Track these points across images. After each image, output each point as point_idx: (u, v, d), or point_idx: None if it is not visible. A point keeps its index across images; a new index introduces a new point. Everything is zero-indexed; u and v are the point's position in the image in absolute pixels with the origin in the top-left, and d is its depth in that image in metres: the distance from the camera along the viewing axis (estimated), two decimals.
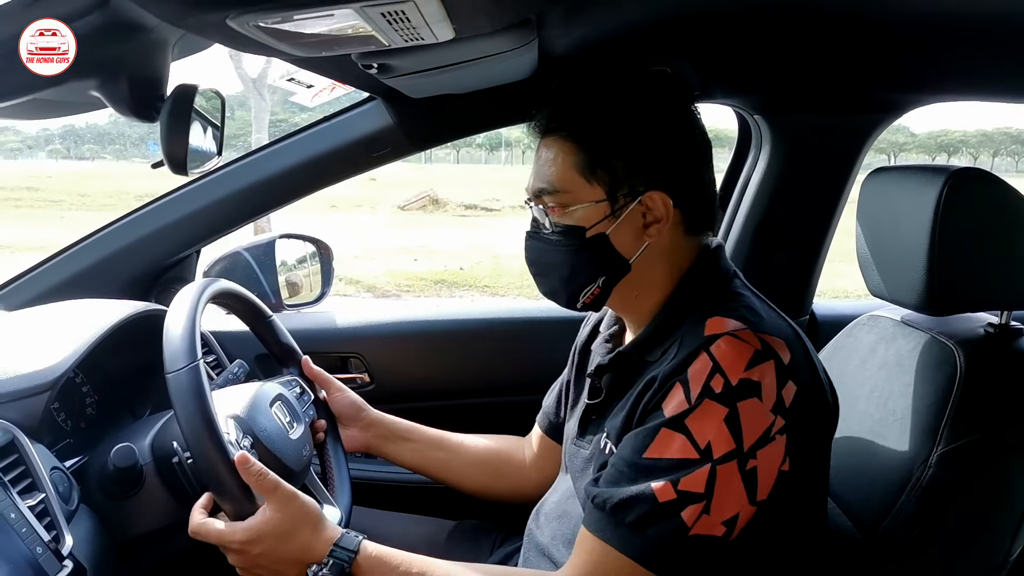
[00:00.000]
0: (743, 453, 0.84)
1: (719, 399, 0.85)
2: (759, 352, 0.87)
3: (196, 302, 1.04)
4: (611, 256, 0.98)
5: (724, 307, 0.95)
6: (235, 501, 0.94)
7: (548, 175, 0.99)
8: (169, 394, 0.95)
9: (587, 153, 0.97)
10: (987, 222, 1.05)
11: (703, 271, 1.02)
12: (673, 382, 0.88)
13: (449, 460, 1.34)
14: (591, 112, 0.98)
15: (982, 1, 1.13)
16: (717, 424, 0.84)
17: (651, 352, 0.98)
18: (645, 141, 0.97)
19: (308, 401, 1.26)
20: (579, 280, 1.00)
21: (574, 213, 0.98)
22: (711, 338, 0.89)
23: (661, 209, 0.97)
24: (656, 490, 0.84)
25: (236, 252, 1.76)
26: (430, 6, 0.67)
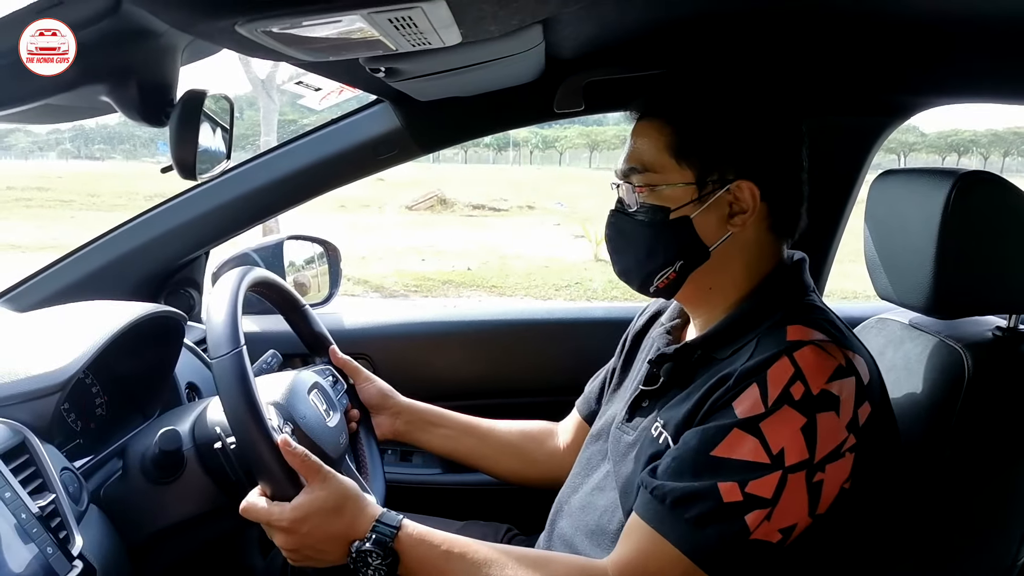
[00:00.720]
0: (813, 464, 0.83)
1: (798, 407, 0.84)
2: (842, 367, 0.87)
3: (236, 289, 1.05)
4: (692, 240, 0.98)
5: (806, 317, 0.94)
6: (279, 484, 0.95)
7: (639, 155, 1.00)
8: (214, 379, 0.95)
9: (680, 136, 0.97)
10: (995, 225, 1.04)
11: (784, 279, 1.02)
12: (750, 382, 0.87)
13: (480, 446, 1.34)
14: (690, 97, 1.00)
15: (990, 2, 1.13)
16: (793, 432, 0.83)
17: (720, 349, 0.97)
18: (739, 130, 0.98)
19: (342, 390, 1.27)
20: (656, 261, 1.00)
21: (660, 193, 0.98)
22: (795, 343, 0.88)
23: (748, 200, 0.97)
24: (723, 489, 0.83)
25: (245, 253, 1.77)
26: (437, 12, 0.67)
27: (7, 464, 0.90)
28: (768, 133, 0.99)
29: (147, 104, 0.78)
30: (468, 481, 1.65)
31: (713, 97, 1.00)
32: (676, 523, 0.86)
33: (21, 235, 12.03)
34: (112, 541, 1.00)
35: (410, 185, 17.68)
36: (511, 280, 9.36)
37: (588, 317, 1.84)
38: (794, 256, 1.05)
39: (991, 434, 1.02)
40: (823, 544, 0.89)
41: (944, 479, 1.02)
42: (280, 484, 0.95)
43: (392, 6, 0.63)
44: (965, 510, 1.01)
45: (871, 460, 0.88)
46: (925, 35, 1.29)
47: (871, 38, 1.32)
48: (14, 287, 1.54)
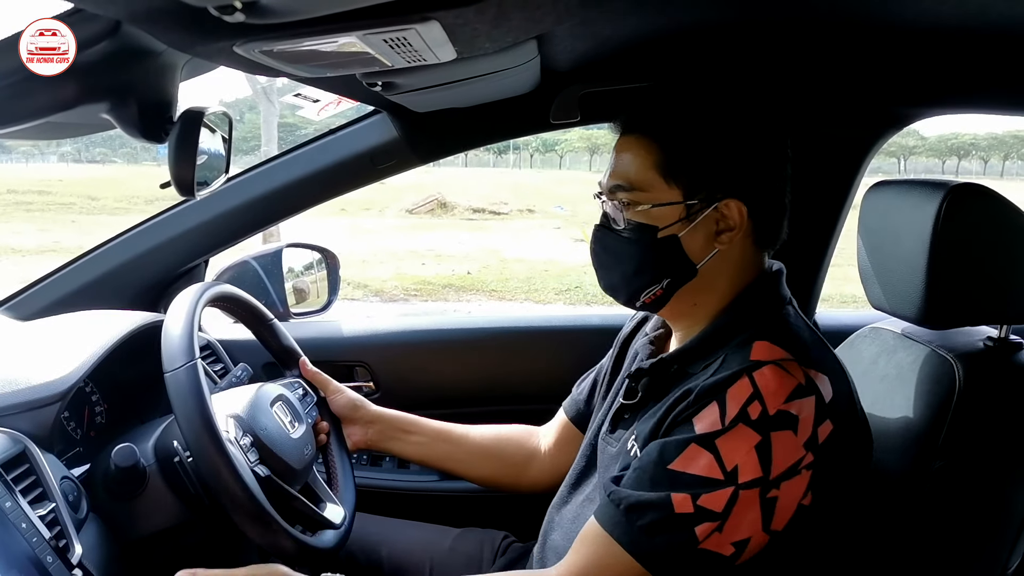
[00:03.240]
0: (767, 482, 0.84)
1: (754, 425, 0.85)
2: (801, 386, 0.87)
3: (194, 304, 1.07)
4: (679, 259, 0.98)
5: (773, 332, 0.94)
6: (233, 496, 0.96)
7: (627, 172, 0.99)
8: (168, 394, 0.97)
9: (668, 154, 0.97)
10: (986, 237, 1.05)
11: (760, 292, 1.02)
12: (709, 399, 0.88)
13: (454, 451, 1.34)
14: (677, 114, 0.99)
15: (985, 14, 1.14)
16: (747, 449, 0.84)
17: (693, 364, 0.98)
18: (727, 148, 0.97)
19: (311, 402, 1.27)
20: (643, 279, 1.00)
21: (648, 211, 0.98)
22: (756, 363, 0.89)
23: (736, 218, 0.97)
24: (675, 500, 0.85)
25: (244, 261, 1.77)
26: (432, 32, 0.68)
27: (8, 473, 0.91)
28: (755, 150, 0.99)
29: (147, 121, 0.79)
30: (464, 488, 1.66)
31: (700, 114, 0.99)
32: (629, 529, 0.88)
33: (21, 239, 12.04)
34: (111, 549, 1.01)
35: (411, 189, 17.70)
36: (511, 284, 9.37)
37: (587, 324, 1.85)
38: (773, 266, 1.06)
39: (982, 443, 1.03)
40: (790, 558, 0.90)
41: (935, 488, 1.02)
42: (234, 496, 0.96)
43: (387, 27, 0.64)
44: (955, 520, 1.02)
45: (834, 477, 0.89)
46: (919, 46, 1.30)
47: (866, 50, 1.33)
48: (15, 295, 1.55)
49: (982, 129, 54.66)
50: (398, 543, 1.34)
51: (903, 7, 1.14)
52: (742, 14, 1.21)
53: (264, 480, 1.02)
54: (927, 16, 1.17)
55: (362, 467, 1.72)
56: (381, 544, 1.33)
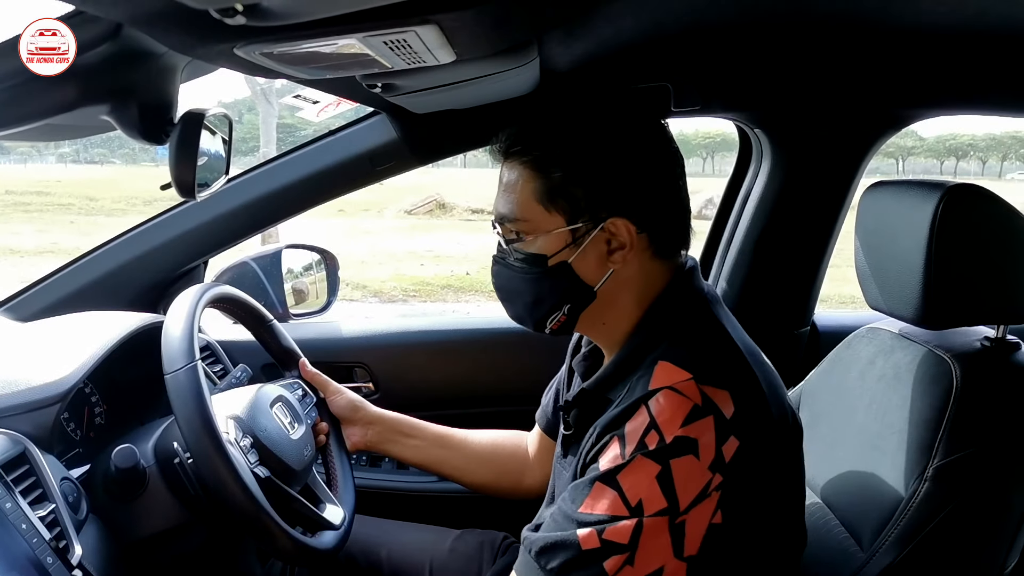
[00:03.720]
0: (676, 511, 0.82)
1: (652, 456, 0.82)
2: (697, 407, 0.84)
3: (194, 305, 1.07)
4: (575, 284, 0.96)
5: (679, 349, 0.91)
6: (233, 496, 0.96)
7: (509, 203, 0.97)
8: (168, 395, 0.97)
9: (546, 181, 0.94)
10: (982, 237, 1.06)
11: (673, 297, 0.99)
12: (612, 436, 0.87)
13: (450, 457, 1.34)
14: (550, 138, 0.95)
15: (983, 15, 1.15)
16: (649, 481, 0.82)
17: (612, 390, 0.96)
18: (605, 167, 0.94)
19: (311, 403, 1.28)
20: (544, 308, 0.99)
21: (536, 242, 0.95)
22: (652, 392, 0.86)
23: (624, 236, 0.94)
24: (581, 537, 0.83)
25: (243, 262, 1.78)
26: (431, 34, 0.68)
27: (8, 474, 0.91)
28: (633, 165, 0.95)
29: (147, 123, 0.79)
30: (464, 490, 1.66)
31: (573, 137, 0.94)
32: (541, 573, 0.86)
33: (20, 240, 12.03)
34: (111, 550, 1.01)
35: (409, 190, 17.70)
36: None
37: None
38: (687, 263, 1.02)
39: (979, 443, 1.04)
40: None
41: (932, 488, 1.03)
42: (234, 497, 0.96)
43: (386, 30, 0.65)
44: (953, 519, 1.02)
45: (750, 492, 0.85)
46: (918, 48, 1.30)
47: (864, 51, 1.34)
48: (14, 296, 1.55)
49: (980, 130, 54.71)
50: (397, 544, 1.34)
51: (901, 9, 1.15)
52: (741, 15, 1.22)
53: (264, 481, 1.02)
54: (925, 18, 1.18)
55: (361, 468, 1.72)
56: (380, 545, 1.34)
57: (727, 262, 1.73)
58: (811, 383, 1.36)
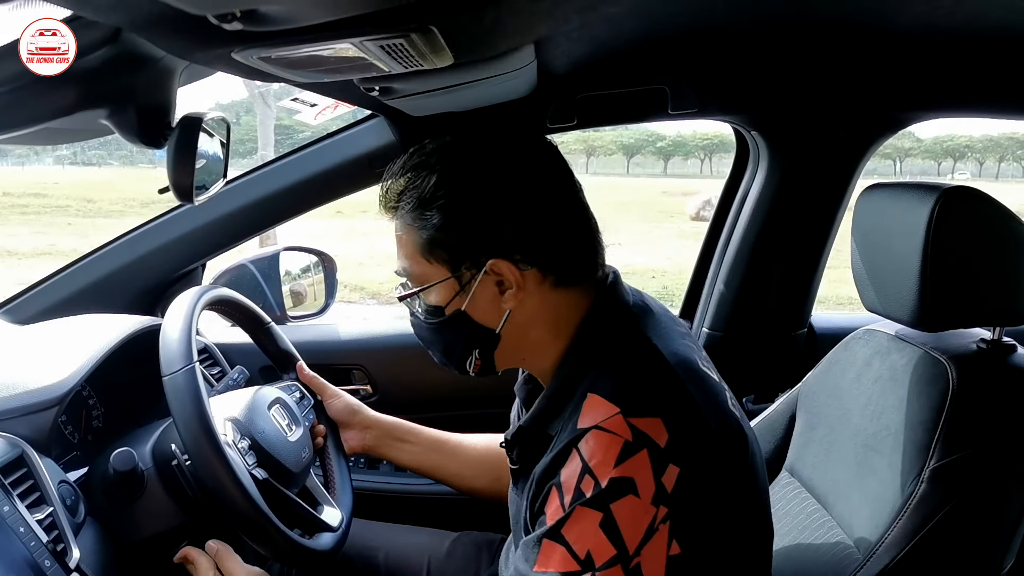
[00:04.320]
0: (627, 556, 0.79)
1: (590, 504, 0.80)
2: (628, 444, 0.81)
3: (192, 308, 1.07)
4: (475, 329, 0.95)
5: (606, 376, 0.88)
6: (232, 498, 0.96)
7: (400, 257, 0.96)
8: (166, 397, 0.97)
9: (424, 232, 0.91)
10: (978, 239, 1.06)
11: (597, 320, 0.95)
12: (550, 486, 0.84)
13: (446, 462, 1.34)
14: (416, 190, 0.91)
15: (980, 19, 1.15)
16: (593, 530, 0.79)
17: (551, 424, 0.93)
18: (474, 212, 0.90)
19: (308, 405, 1.28)
20: (456, 354, 0.98)
21: (429, 293, 0.95)
22: (581, 432, 0.83)
23: (509, 276, 0.91)
24: None
25: (241, 264, 1.78)
26: (429, 39, 0.69)
27: (6, 478, 0.91)
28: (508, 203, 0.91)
29: (145, 127, 0.79)
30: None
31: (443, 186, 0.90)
32: None
33: (17, 242, 12.02)
34: (109, 553, 1.01)
35: None
36: None
37: None
38: (609, 277, 0.98)
39: (976, 445, 1.04)
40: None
41: (929, 490, 1.03)
42: (233, 499, 0.96)
43: (384, 34, 0.65)
44: (950, 521, 1.03)
45: (701, 515, 0.83)
46: (915, 51, 1.31)
47: (861, 54, 1.34)
48: (12, 299, 1.55)
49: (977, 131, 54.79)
50: (395, 547, 1.34)
51: (899, 12, 1.15)
52: (737, 18, 1.22)
53: (262, 483, 1.03)
54: (922, 20, 1.18)
55: (359, 470, 1.72)
56: (378, 548, 1.34)
57: (724, 264, 1.74)
58: (808, 385, 1.36)
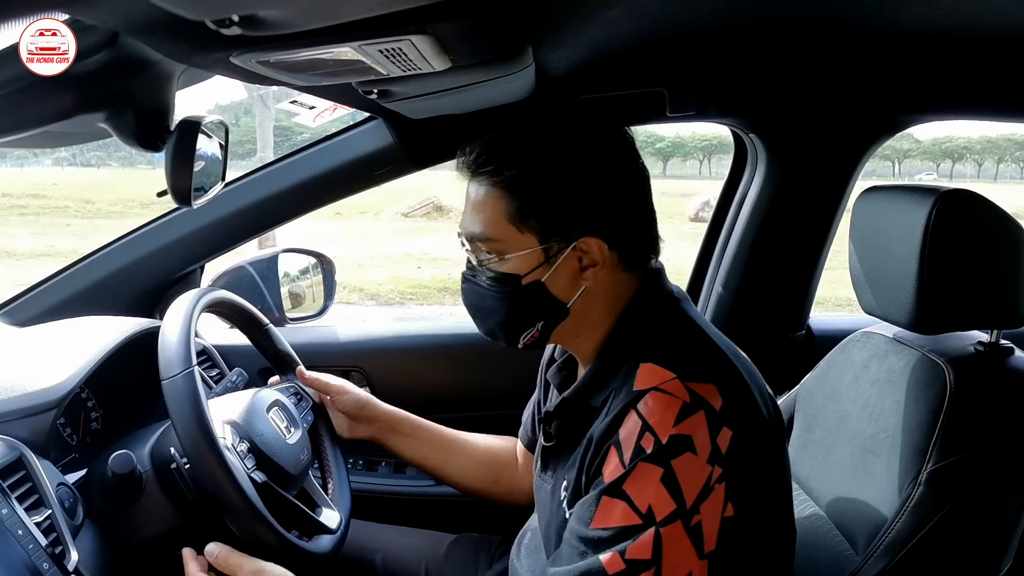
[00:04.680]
0: (686, 511, 0.82)
1: (652, 459, 0.83)
2: (687, 404, 0.85)
3: (190, 310, 1.07)
4: (548, 302, 0.97)
5: (658, 348, 0.92)
6: (230, 502, 0.96)
7: (480, 222, 0.96)
8: (165, 401, 0.97)
9: (517, 201, 0.94)
10: (976, 242, 1.06)
11: (644, 301, 0.99)
12: (608, 445, 0.87)
13: (448, 460, 1.35)
14: (519, 159, 0.94)
15: (976, 20, 1.15)
16: (655, 485, 0.82)
17: (595, 397, 0.96)
18: (575, 188, 0.94)
19: (306, 407, 1.28)
20: (517, 325, 0.99)
21: (508, 261, 0.95)
22: (639, 394, 0.87)
23: (596, 254, 0.95)
24: (605, 562, 0.82)
25: (240, 266, 1.78)
26: (426, 43, 0.69)
27: (4, 480, 0.92)
28: (604, 183, 0.95)
29: (144, 130, 0.79)
30: (460, 494, 1.66)
31: (543, 157, 0.94)
32: None
33: (16, 243, 12.01)
34: (107, 555, 1.01)
35: (406, 192, 17.69)
36: None
37: None
38: (655, 266, 1.03)
39: (973, 447, 1.04)
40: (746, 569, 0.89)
41: (926, 492, 1.03)
42: (232, 503, 0.96)
43: (382, 38, 0.65)
44: (947, 523, 1.03)
45: (750, 481, 0.87)
46: (913, 53, 1.31)
47: (859, 56, 1.34)
48: (11, 301, 1.55)
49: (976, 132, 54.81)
50: (393, 549, 1.35)
51: (897, 14, 1.15)
52: (735, 21, 1.22)
53: (261, 486, 1.03)
54: (920, 23, 1.18)
55: (358, 472, 1.72)
56: (376, 550, 1.34)
57: (723, 265, 1.74)
58: (806, 387, 1.36)
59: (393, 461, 1.73)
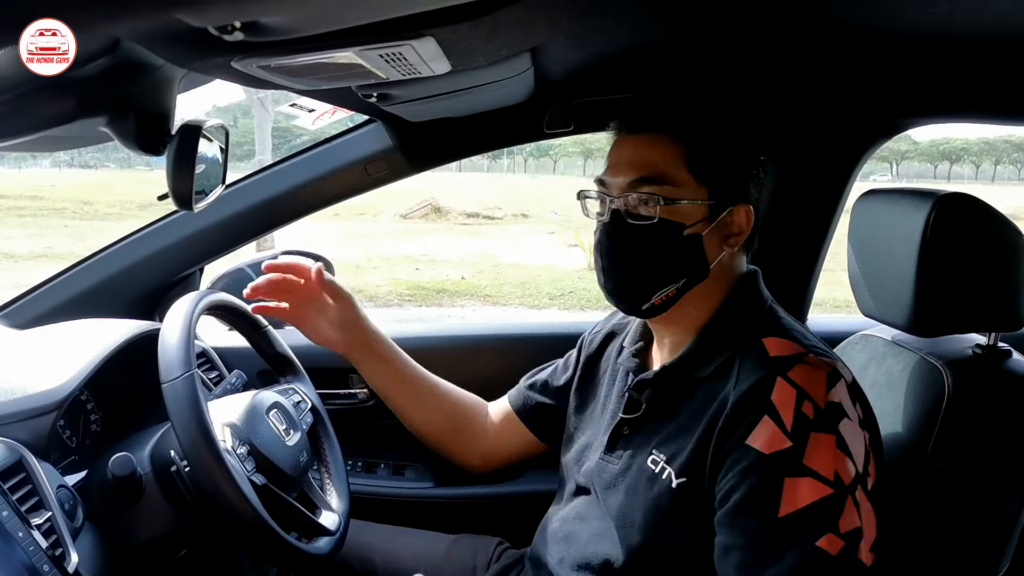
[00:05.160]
0: (861, 475, 0.84)
1: (820, 427, 0.84)
2: (831, 374, 0.88)
3: (190, 314, 1.07)
4: (699, 258, 0.97)
5: (777, 328, 0.95)
6: (231, 505, 0.96)
7: (654, 166, 0.96)
8: (166, 404, 0.97)
9: (697, 153, 0.96)
10: (973, 246, 1.07)
11: (746, 293, 1.03)
12: (757, 412, 0.86)
13: (412, 401, 1.31)
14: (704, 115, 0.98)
15: (975, 24, 1.15)
16: (832, 451, 0.83)
17: (700, 368, 0.97)
18: (746, 153, 0.99)
19: (305, 409, 1.28)
20: (660, 278, 0.98)
21: (677, 207, 0.95)
22: (782, 361, 0.89)
23: (743, 223, 0.99)
24: (824, 546, 0.80)
25: (239, 269, 1.77)
26: (427, 47, 0.69)
27: (4, 483, 0.91)
28: (761, 157, 1.01)
29: (145, 134, 0.79)
30: (459, 495, 1.66)
31: (726, 117, 1.00)
32: None
33: (14, 244, 11.99)
34: (107, 557, 1.01)
35: (405, 194, 17.70)
36: (505, 289, 9.37)
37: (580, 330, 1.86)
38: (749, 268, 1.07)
39: (971, 449, 1.05)
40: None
41: (925, 494, 1.04)
42: (233, 506, 0.97)
43: (382, 43, 0.65)
44: (946, 525, 1.03)
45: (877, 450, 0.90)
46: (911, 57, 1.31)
47: (857, 59, 1.34)
48: (10, 303, 1.55)
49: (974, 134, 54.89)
50: (392, 550, 1.35)
51: (895, 17, 1.16)
52: (731, 25, 1.22)
53: (261, 489, 1.03)
54: (919, 26, 1.18)
55: (356, 474, 1.72)
56: (375, 551, 1.34)
57: None
58: None
59: (391, 463, 1.73)
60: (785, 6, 1.14)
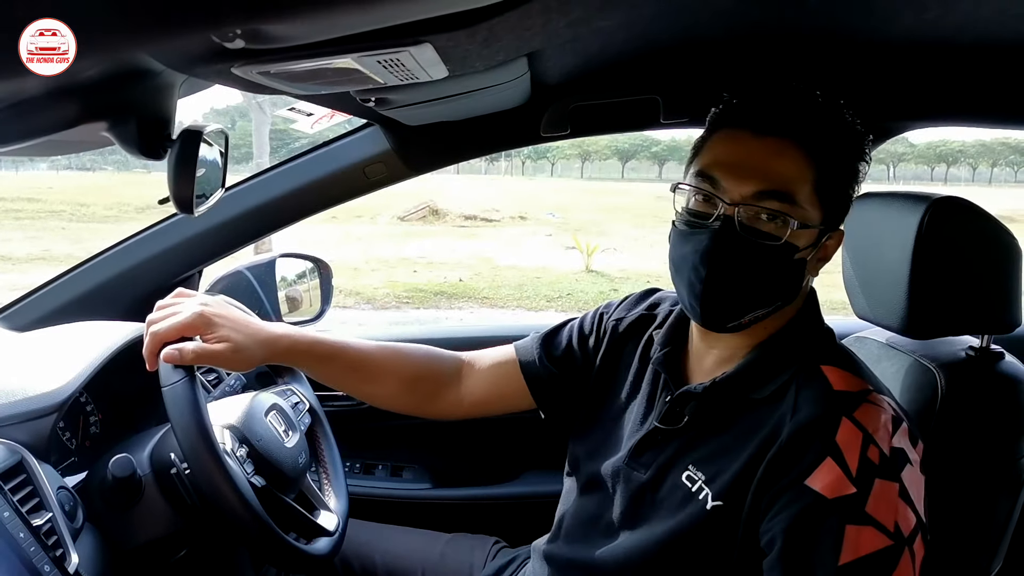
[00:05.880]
0: (922, 524, 0.82)
1: (884, 474, 0.81)
2: (895, 417, 0.86)
3: None
4: (798, 283, 0.93)
5: (836, 355, 0.93)
6: (232, 508, 0.97)
7: (787, 182, 0.88)
8: (165, 407, 0.98)
9: (827, 174, 0.90)
10: (966, 249, 1.07)
11: (812, 311, 1.00)
12: (819, 453, 0.83)
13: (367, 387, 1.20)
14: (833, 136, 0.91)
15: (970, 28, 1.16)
16: (895, 501, 0.81)
17: (756, 389, 0.93)
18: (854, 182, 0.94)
19: (303, 410, 1.29)
20: (762, 299, 0.93)
21: (793, 230, 0.88)
22: (846, 398, 0.86)
23: (834, 248, 0.96)
24: None
25: (238, 271, 1.78)
26: (424, 53, 0.70)
27: (5, 484, 0.92)
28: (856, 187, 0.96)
29: (146, 139, 0.80)
30: (456, 495, 1.67)
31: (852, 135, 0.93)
32: None
33: (11, 246, 11.98)
34: (107, 558, 1.02)
35: (402, 196, 17.71)
36: (503, 291, 9.38)
37: None
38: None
39: (964, 451, 1.05)
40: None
41: None
42: (232, 508, 0.97)
43: (380, 50, 0.66)
44: (938, 526, 1.04)
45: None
46: (906, 61, 1.32)
47: (852, 64, 1.35)
48: (9, 306, 1.56)
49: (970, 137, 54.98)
50: (391, 549, 1.35)
51: (887, 23, 1.17)
52: (727, 30, 1.23)
53: (260, 490, 1.04)
54: (911, 32, 1.19)
55: (355, 475, 1.73)
56: (374, 551, 1.35)
57: None
58: None
59: (390, 464, 1.74)
60: (778, 14, 1.15)
